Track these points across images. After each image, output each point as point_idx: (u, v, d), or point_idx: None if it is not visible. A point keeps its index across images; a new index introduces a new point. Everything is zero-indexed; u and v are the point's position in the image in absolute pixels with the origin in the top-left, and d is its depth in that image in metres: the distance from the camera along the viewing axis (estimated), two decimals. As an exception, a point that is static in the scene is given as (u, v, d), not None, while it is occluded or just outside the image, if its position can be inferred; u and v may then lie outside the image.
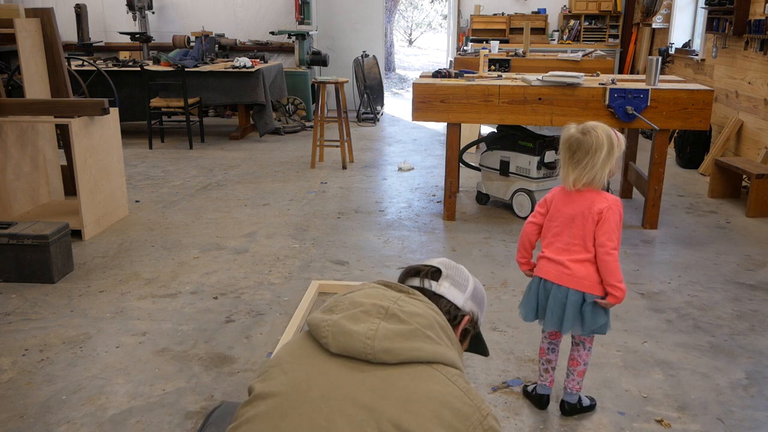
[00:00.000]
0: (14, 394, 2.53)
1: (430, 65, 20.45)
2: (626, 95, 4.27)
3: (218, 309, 3.28)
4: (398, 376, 1.25)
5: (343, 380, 1.27)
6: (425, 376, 1.26)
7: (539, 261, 2.34)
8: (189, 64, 7.46)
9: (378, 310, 1.32)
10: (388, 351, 1.26)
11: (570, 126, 2.28)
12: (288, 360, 1.34)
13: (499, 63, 7.34)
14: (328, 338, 1.31)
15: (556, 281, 2.26)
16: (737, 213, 4.94)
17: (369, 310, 1.32)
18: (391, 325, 1.29)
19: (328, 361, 1.30)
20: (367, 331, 1.28)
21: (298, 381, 1.28)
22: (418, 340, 1.28)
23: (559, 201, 2.30)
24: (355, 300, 1.36)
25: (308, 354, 1.34)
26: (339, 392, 1.25)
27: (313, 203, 5.14)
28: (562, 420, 2.39)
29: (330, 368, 1.29)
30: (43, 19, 4.56)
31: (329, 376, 1.28)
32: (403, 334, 1.28)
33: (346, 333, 1.29)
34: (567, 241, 2.26)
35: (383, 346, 1.26)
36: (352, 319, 1.31)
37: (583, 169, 2.20)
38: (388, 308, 1.32)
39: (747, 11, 5.92)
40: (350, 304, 1.36)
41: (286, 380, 1.30)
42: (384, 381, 1.25)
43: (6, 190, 4.37)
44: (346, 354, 1.29)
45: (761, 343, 2.98)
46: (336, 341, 1.29)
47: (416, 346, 1.28)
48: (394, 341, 1.27)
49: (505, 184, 4.85)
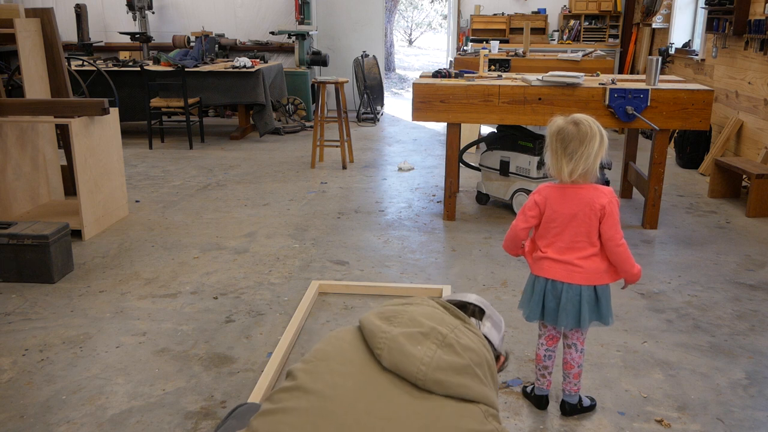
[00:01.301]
0: (14, 394, 2.53)
1: (430, 65, 20.45)
2: (626, 95, 4.27)
3: (218, 309, 3.28)
4: (442, 408, 1.26)
5: (389, 399, 1.26)
6: (467, 413, 1.27)
7: (542, 262, 2.29)
8: (189, 64, 7.46)
9: (436, 335, 1.31)
10: (439, 383, 1.26)
11: (556, 118, 2.24)
12: (337, 359, 1.33)
13: (499, 63, 7.34)
14: (383, 351, 1.30)
15: (568, 280, 2.24)
16: (737, 213, 4.94)
17: (428, 333, 1.31)
18: (447, 356, 1.29)
19: (377, 374, 1.29)
20: (423, 357, 1.27)
21: (346, 386, 1.28)
22: (468, 378, 1.29)
23: (555, 201, 2.25)
24: (415, 318, 1.35)
25: (359, 360, 1.32)
26: (384, 411, 1.25)
27: (313, 203, 5.14)
28: (562, 420, 2.39)
29: (379, 382, 1.28)
30: (43, 19, 4.56)
31: (377, 391, 1.27)
32: (456, 368, 1.28)
33: (403, 353, 1.28)
34: (571, 240, 2.24)
35: (436, 376, 1.26)
36: (410, 339, 1.30)
37: (579, 160, 2.17)
38: (446, 336, 1.32)
39: (747, 11, 5.92)
40: (410, 320, 1.34)
41: (332, 382, 1.29)
42: (429, 411, 1.25)
43: (6, 190, 4.37)
44: (397, 372, 1.28)
45: (761, 343, 2.98)
46: (391, 357, 1.29)
47: (466, 383, 1.28)
48: (447, 374, 1.27)
49: (505, 184, 4.85)
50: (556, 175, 2.24)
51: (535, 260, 2.34)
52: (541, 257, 2.30)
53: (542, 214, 2.29)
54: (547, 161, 2.26)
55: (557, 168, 2.22)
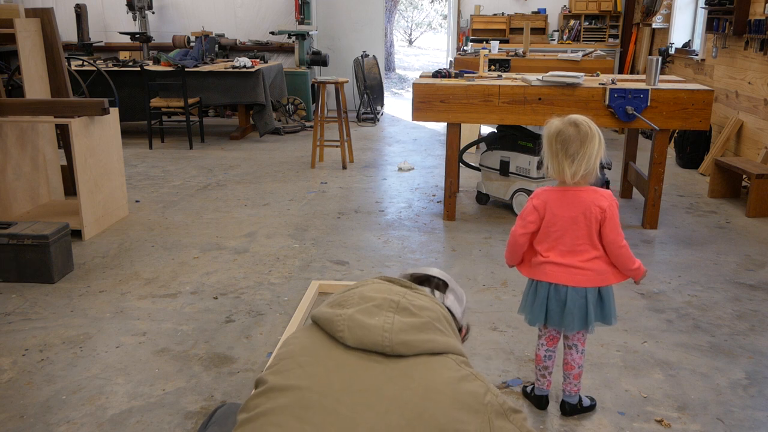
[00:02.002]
0: (14, 394, 2.53)
1: (430, 65, 20.45)
2: (626, 95, 4.27)
3: (218, 309, 3.28)
4: (414, 366, 1.30)
5: (362, 372, 1.30)
6: (439, 365, 1.31)
7: (544, 267, 2.27)
8: (189, 64, 7.46)
9: (389, 304, 1.36)
10: (406, 343, 1.30)
11: (552, 120, 2.22)
12: (301, 353, 1.36)
13: (499, 63, 7.34)
14: (344, 332, 1.33)
15: (572, 284, 2.23)
16: (737, 213, 4.94)
17: (381, 304, 1.36)
18: (405, 318, 1.33)
19: (344, 354, 1.33)
20: (383, 324, 1.31)
21: (318, 374, 1.30)
22: (431, 333, 1.34)
23: (555, 205, 2.24)
24: (365, 295, 1.39)
25: (322, 347, 1.36)
26: (360, 384, 1.28)
27: (313, 203, 5.14)
28: (562, 420, 2.40)
29: (348, 361, 1.31)
30: (43, 19, 4.56)
31: (348, 369, 1.30)
32: (417, 326, 1.33)
33: (364, 326, 1.32)
34: (572, 243, 2.23)
35: (400, 338, 1.30)
36: (366, 313, 1.34)
37: (581, 161, 2.16)
38: (399, 302, 1.36)
39: (747, 11, 5.92)
40: (360, 298, 1.39)
41: (303, 373, 1.31)
42: (402, 372, 1.29)
43: (6, 190, 4.37)
44: (363, 347, 1.31)
45: (761, 343, 2.98)
46: (353, 334, 1.32)
47: (430, 338, 1.33)
48: (410, 334, 1.31)
49: (505, 184, 4.85)
50: (558, 178, 2.23)
51: (535, 265, 2.31)
52: (542, 262, 2.28)
53: (542, 219, 2.26)
54: (547, 164, 2.23)
55: (559, 170, 2.20)
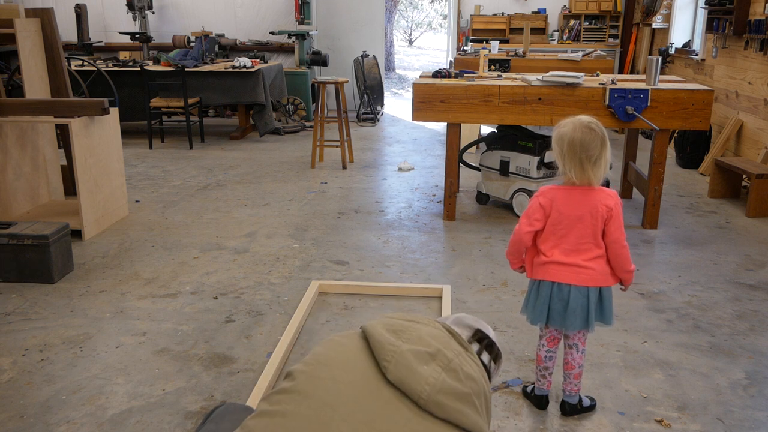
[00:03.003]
0: (14, 394, 2.53)
1: (430, 65, 20.45)
2: (626, 95, 4.27)
3: (218, 309, 3.28)
4: (440, 430, 1.28)
5: (389, 414, 1.27)
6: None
7: (547, 266, 2.27)
8: (189, 64, 7.46)
9: (443, 358, 1.33)
10: (440, 405, 1.28)
11: (563, 124, 2.21)
12: (339, 366, 1.34)
13: (499, 63, 7.34)
14: (390, 364, 1.31)
15: (576, 283, 2.23)
16: (737, 213, 4.94)
17: (435, 354, 1.33)
18: (450, 381, 1.31)
19: (380, 387, 1.30)
20: (429, 377, 1.29)
21: (347, 396, 1.28)
22: (467, 406, 1.31)
23: (562, 204, 2.23)
24: (423, 337, 1.37)
25: (362, 369, 1.33)
26: (382, 425, 1.25)
27: (313, 203, 5.14)
28: (562, 420, 2.39)
29: (381, 395, 1.29)
30: (43, 19, 4.56)
31: (378, 404, 1.28)
32: (458, 395, 1.30)
33: (410, 369, 1.30)
34: (576, 242, 2.23)
35: (438, 399, 1.28)
36: (418, 357, 1.32)
37: (602, 163, 2.17)
38: (451, 361, 1.34)
39: (747, 11, 5.92)
40: (418, 338, 1.36)
41: (333, 389, 1.29)
42: (426, 429, 1.27)
43: (6, 190, 4.37)
44: (401, 388, 1.29)
45: (761, 343, 2.98)
46: (398, 372, 1.30)
47: (464, 410, 1.30)
48: (449, 398, 1.29)
49: (505, 184, 4.85)
50: (581, 182, 2.21)
51: (537, 265, 2.31)
52: (545, 261, 2.27)
53: (547, 217, 2.26)
54: (567, 169, 2.20)
55: (583, 176, 2.19)
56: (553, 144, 2.23)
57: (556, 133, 2.22)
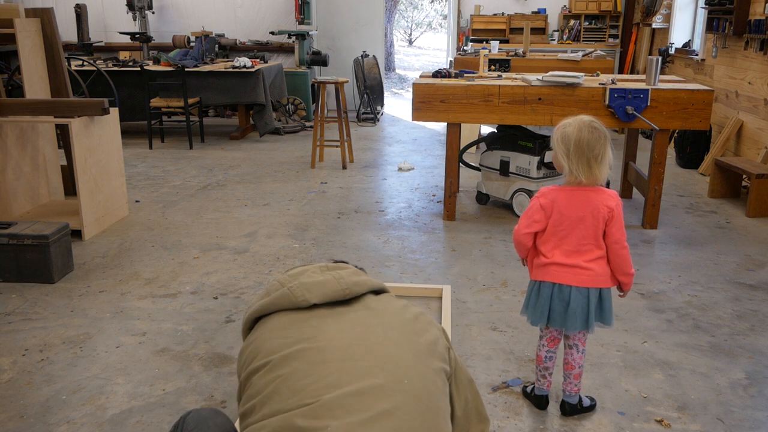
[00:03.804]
0: (14, 394, 2.53)
1: (430, 65, 20.45)
2: (626, 95, 4.27)
3: (218, 309, 3.28)
4: (371, 302, 1.53)
5: (340, 318, 1.49)
6: (390, 299, 1.58)
7: (548, 268, 2.26)
8: (189, 64, 7.46)
9: (321, 268, 1.60)
10: (357, 283, 1.54)
11: (566, 125, 2.20)
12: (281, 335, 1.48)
13: (499, 63, 7.34)
14: (305, 294, 1.50)
15: (577, 284, 2.23)
16: (737, 213, 4.94)
17: (315, 271, 1.59)
18: (343, 270, 1.59)
19: (316, 314, 1.50)
20: (333, 276, 1.55)
21: (309, 333, 1.45)
22: (363, 276, 1.60)
23: (563, 205, 2.22)
24: (293, 273, 1.60)
25: (293, 321, 1.50)
26: (347, 324, 1.46)
27: (313, 203, 5.14)
28: (562, 420, 2.39)
29: (322, 315, 1.50)
30: (43, 19, 4.56)
31: (329, 319, 1.48)
32: (353, 273, 1.59)
33: (319, 283, 1.53)
34: (577, 243, 2.22)
35: (351, 280, 1.54)
36: (312, 278, 1.55)
37: (606, 162, 2.18)
38: (327, 265, 1.61)
39: (747, 11, 5.92)
40: (290, 277, 1.58)
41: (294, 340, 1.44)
42: (366, 306, 1.51)
43: (6, 190, 4.37)
44: (326, 299, 1.50)
45: (761, 343, 2.98)
46: (313, 292, 1.51)
47: (367, 278, 1.58)
48: (354, 277, 1.56)
49: (505, 184, 4.85)
50: (588, 182, 2.20)
51: (538, 266, 2.30)
52: (546, 263, 2.27)
53: (548, 218, 2.25)
54: (572, 169, 2.19)
55: (591, 175, 2.18)
56: (557, 145, 2.20)
57: (559, 134, 2.20)
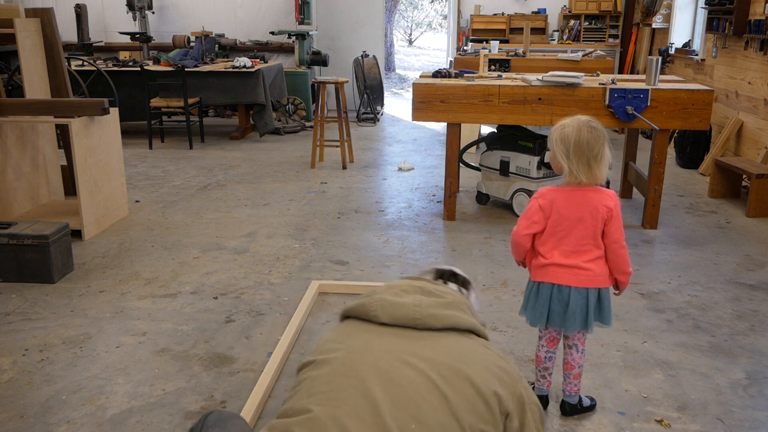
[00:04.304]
0: (14, 394, 2.53)
1: (430, 65, 20.45)
2: (626, 95, 4.27)
3: (218, 309, 3.28)
4: (446, 339, 1.45)
5: (398, 342, 1.45)
6: (467, 341, 1.46)
7: (547, 269, 2.26)
8: (189, 64, 7.46)
9: (416, 289, 1.53)
10: (434, 316, 1.45)
11: (564, 126, 2.19)
12: (338, 339, 1.50)
13: (499, 63, 7.34)
14: (377, 311, 1.49)
15: (576, 285, 2.23)
16: (737, 213, 4.94)
17: (407, 289, 1.53)
18: (431, 299, 1.50)
19: (379, 329, 1.48)
20: (413, 300, 1.48)
21: (359, 344, 1.46)
22: (456, 310, 1.49)
23: (562, 205, 2.22)
24: (392, 285, 1.56)
25: (357, 329, 1.50)
26: (398, 348, 1.43)
27: (313, 203, 5.14)
28: (562, 420, 2.39)
29: (384, 333, 1.47)
30: (43, 19, 4.56)
31: (386, 339, 1.46)
32: (443, 304, 1.48)
33: (395, 304, 1.48)
34: (576, 243, 2.22)
35: (430, 311, 1.45)
36: (396, 295, 1.50)
37: (605, 160, 2.18)
38: (424, 287, 1.53)
39: (747, 11, 5.92)
40: (387, 287, 1.55)
41: (343, 346, 1.46)
42: (435, 341, 1.44)
43: (6, 190, 4.37)
44: (395, 322, 1.47)
45: (761, 343, 2.98)
46: (385, 312, 1.48)
47: (455, 314, 1.48)
48: (438, 309, 1.47)
49: (505, 184, 4.85)
50: (589, 181, 2.20)
51: (537, 267, 2.30)
52: (545, 264, 2.26)
53: (547, 219, 2.25)
54: (573, 169, 2.18)
55: (591, 174, 2.18)
56: (556, 146, 2.20)
57: (558, 135, 2.19)
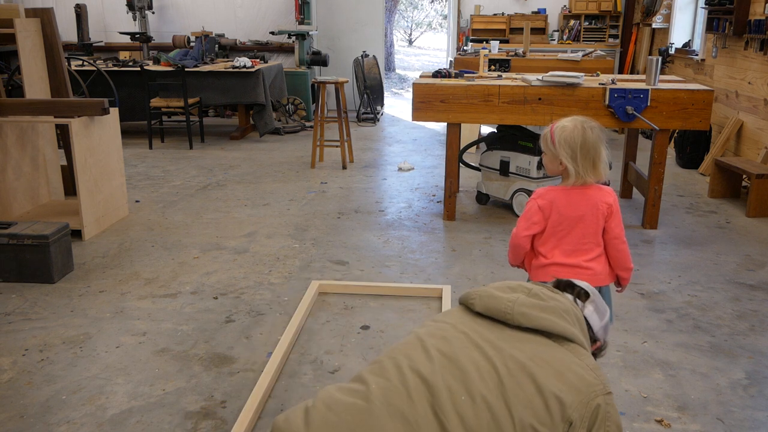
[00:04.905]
0: (14, 394, 2.53)
1: (430, 65, 20.45)
2: (626, 95, 4.27)
3: (218, 309, 3.28)
4: (530, 338, 1.43)
5: (482, 329, 1.47)
6: (552, 345, 1.42)
7: (548, 269, 2.25)
8: (189, 64, 7.46)
9: (523, 289, 1.54)
10: (525, 315, 1.44)
11: (567, 128, 2.17)
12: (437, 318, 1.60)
13: (499, 63, 7.34)
14: (475, 300, 1.53)
15: None
16: (737, 213, 4.94)
17: (516, 288, 1.55)
18: (532, 300, 1.48)
19: (470, 316, 1.53)
20: (510, 297, 1.49)
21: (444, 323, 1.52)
22: (554, 315, 1.45)
23: (561, 204, 2.22)
24: (507, 282, 1.60)
25: (453, 314, 1.57)
26: (478, 335, 1.45)
27: (313, 203, 5.14)
28: (562, 420, 2.39)
29: (473, 320, 1.51)
30: (43, 19, 4.56)
31: (470, 323, 1.50)
32: (541, 307, 1.46)
33: (493, 296, 1.51)
34: (577, 242, 2.22)
35: (521, 310, 1.45)
36: (501, 290, 1.53)
37: (605, 158, 2.20)
38: (532, 290, 1.53)
39: (747, 11, 5.92)
40: (501, 284, 1.58)
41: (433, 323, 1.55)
42: (517, 338, 1.43)
43: (6, 190, 4.37)
44: (487, 313, 1.49)
45: (761, 343, 2.98)
46: (482, 301, 1.52)
47: (551, 318, 1.44)
48: (533, 309, 1.45)
49: (505, 184, 4.85)
50: (595, 180, 2.21)
51: (537, 267, 2.29)
52: (546, 263, 2.26)
53: (547, 219, 2.24)
54: (581, 172, 2.17)
55: (596, 174, 2.19)
56: (560, 149, 2.16)
57: (562, 137, 2.16)
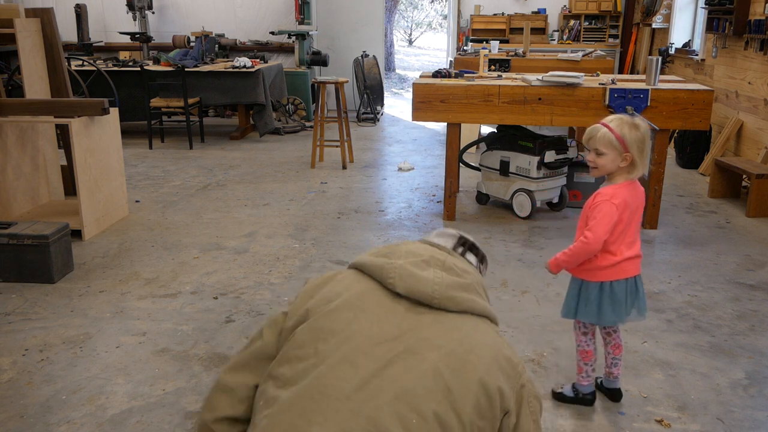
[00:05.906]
0: (14, 394, 2.53)
1: (430, 65, 20.45)
2: (626, 95, 4.27)
3: (218, 309, 3.28)
4: (461, 322, 1.39)
5: (412, 321, 1.38)
6: (481, 327, 1.42)
7: (620, 266, 2.30)
8: (189, 64, 7.46)
9: (436, 261, 1.45)
10: (452, 299, 1.40)
11: (631, 124, 2.25)
12: (352, 300, 1.42)
13: (499, 63, 7.34)
14: (395, 279, 1.41)
15: (639, 272, 2.37)
16: (737, 213, 4.94)
17: (428, 260, 1.45)
18: (452, 277, 1.43)
19: (393, 302, 1.41)
20: (434, 277, 1.41)
21: (370, 321, 1.37)
22: (473, 294, 1.44)
23: (631, 201, 2.31)
24: (411, 250, 1.48)
25: (372, 295, 1.43)
26: (409, 333, 1.35)
27: (313, 203, 5.14)
28: (563, 420, 2.40)
29: (397, 309, 1.40)
30: (43, 19, 4.56)
31: (398, 317, 1.38)
32: (462, 286, 1.43)
33: (415, 276, 1.41)
34: (633, 233, 2.35)
35: (448, 294, 1.40)
36: (416, 266, 1.43)
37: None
38: (445, 261, 1.46)
39: (747, 11, 5.92)
40: (407, 252, 1.47)
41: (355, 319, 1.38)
42: (450, 325, 1.38)
43: (6, 190, 4.36)
44: (412, 296, 1.40)
45: (761, 343, 2.98)
46: (404, 282, 1.40)
47: (472, 298, 1.43)
48: (457, 291, 1.41)
49: (505, 184, 4.85)
50: (643, 172, 2.35)
51: (606, 267, 2.31)
52: (617, 261, 2.30)
53: (621, 217, 2.31)
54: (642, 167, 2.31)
55: (645, 167, 2.36)
56: (634, 147, 2.25)
57: (633, 137, 2.24)
